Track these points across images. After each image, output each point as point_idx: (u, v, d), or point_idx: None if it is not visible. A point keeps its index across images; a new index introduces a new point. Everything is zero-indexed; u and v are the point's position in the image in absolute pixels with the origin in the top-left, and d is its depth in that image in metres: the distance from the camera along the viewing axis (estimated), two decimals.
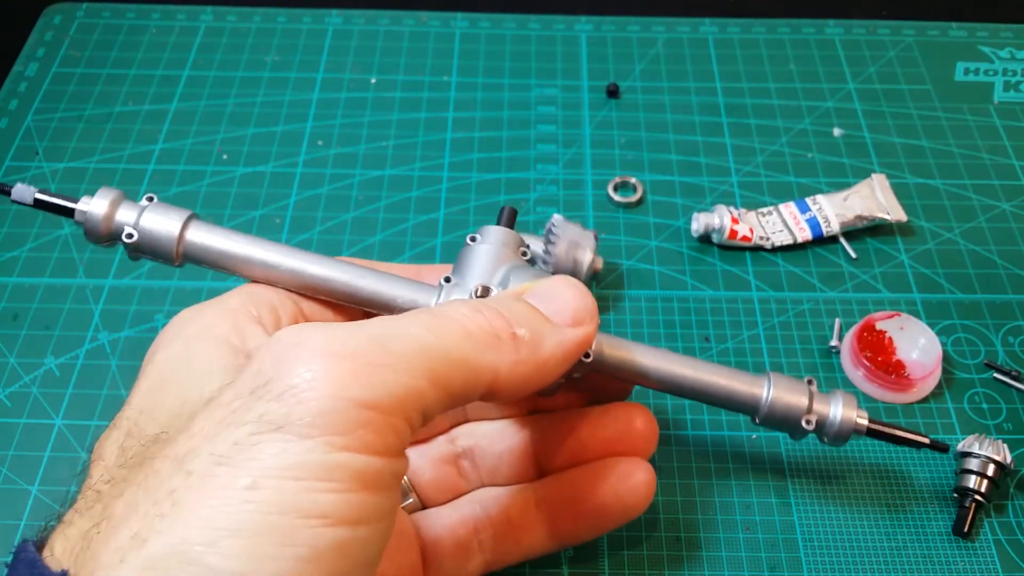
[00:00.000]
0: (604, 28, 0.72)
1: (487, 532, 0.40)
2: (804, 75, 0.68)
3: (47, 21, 0.71)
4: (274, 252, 0.38)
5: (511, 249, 0.40)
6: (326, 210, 0.59)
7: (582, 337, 0.34)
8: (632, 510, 0.40)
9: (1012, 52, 0.70)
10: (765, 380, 0.39)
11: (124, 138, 0.63)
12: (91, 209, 0.37)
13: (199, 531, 0.25)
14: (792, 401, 0.39)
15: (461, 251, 0.40)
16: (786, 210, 0.58)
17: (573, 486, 0.41)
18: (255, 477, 0.25)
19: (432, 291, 0.38)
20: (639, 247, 0.57)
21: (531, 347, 0.32)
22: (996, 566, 0.43)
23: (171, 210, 0.38)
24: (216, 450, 0.26)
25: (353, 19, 0.72)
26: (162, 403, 0.32)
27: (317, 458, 0.25)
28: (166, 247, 0.37)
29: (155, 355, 0.34)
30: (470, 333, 0.31)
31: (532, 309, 0.34)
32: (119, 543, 0.25)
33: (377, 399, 0.27)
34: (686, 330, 0.53)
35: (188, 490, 0.25)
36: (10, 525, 0.44)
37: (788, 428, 0.39)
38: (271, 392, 0.26)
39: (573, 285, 0.35)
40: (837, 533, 0.45)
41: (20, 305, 0.53)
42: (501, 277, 0.38)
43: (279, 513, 0.25)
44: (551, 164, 0.62)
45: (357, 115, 0.65)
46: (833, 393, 0.40)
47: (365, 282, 0.38)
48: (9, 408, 0.49)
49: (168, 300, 0.54)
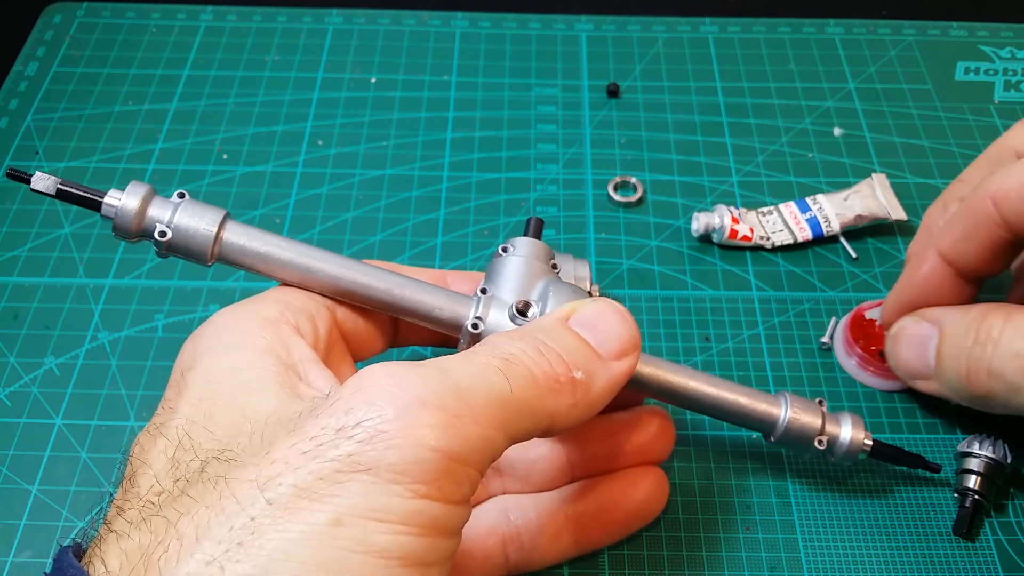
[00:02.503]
0: (604, 28, 0.72)
1: (515, 543, 0.40)
2: (804, 75, 0.68)
3: (47, 20, 0.71)
4: (313, 257, 0.38)
5: (543, 262, 0.40)
6: (326, 209, 0.59)
7: (628, 370, 0.35)
8: (650, 517, 0.43)
9: (1012, 51, 0.70)
10: (782, 400, 0.41)
11: (124, 137, 0.63)
12: (123, 204, 0.36)
13: (281, 564, 0.25)
14: (807, 422, 0.41)
15: (493, 262, 0.40)
16: (786, 210, 0.58)
17: (603, 495, 0.41)
18: (340, 514, 0.26)
19: (469, 302, 0.39)
20: (639, 247, 0.57)
21: (585, 388, 0.33)
22: (996, 566, 0.43)
23: (206, 208, 0.37)
24: (299, 482, 0.26)
25: (353, 18, 0.72)
26: (216, 417, 0.31)
27: (401, 503, 0.26)
28: (201, 247, 0.36)
29: (197, 363, 0.33)
30: (536, 380, 0.31)
31: (584, 345, 0.34)
32: (192, 569, 0.25)
33: (461, 452, 0.28)
34: (686, 330, 0.53)
35: (270, 520, 0.26)
36: (10, 525, 0.44)
37: (800, 447, 0.42)
38: (361, 434, 0.27)
39: (618, 312, 0.35)
40: (837, 533, 0.45)
41: (20, 305, 0.53)
42: (539, 292, 0.39)
43: (363, 552, 0.25)
44: (551, 164, 0.62)
45: (357, 115, 0.65)
46: (842, 414, 0.42)
47: (405, 292, 0.38)
48: (9, 408, 0.49)
49: (168, 300, 0.54)
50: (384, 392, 0.28)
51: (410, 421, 0.27)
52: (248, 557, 0.25)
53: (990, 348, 0.39)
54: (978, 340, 0.39)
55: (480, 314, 0.38)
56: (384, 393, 0.28)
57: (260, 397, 0.31)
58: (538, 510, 0.41)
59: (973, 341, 0.39)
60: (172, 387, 0.34)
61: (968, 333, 0.40)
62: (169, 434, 0.31)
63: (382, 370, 0.29)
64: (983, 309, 0.40)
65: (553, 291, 0.38)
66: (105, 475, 0.46)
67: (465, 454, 0.28)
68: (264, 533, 0.25)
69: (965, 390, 0.40)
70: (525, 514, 0.41)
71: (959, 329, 0.40)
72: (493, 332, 0.37)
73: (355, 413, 0.27)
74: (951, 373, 0.41)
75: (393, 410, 0.27)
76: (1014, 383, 0.38)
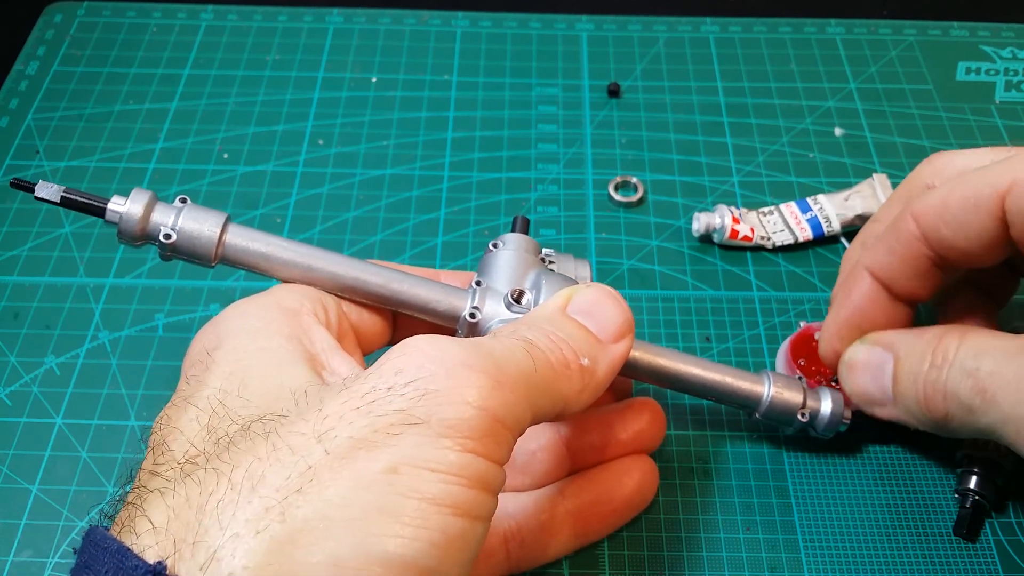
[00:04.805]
0: (605, 27, 0.72)
1: (516, 539, 0.40)
2: (805, 75, 0.68)
3: (48, 20, 0.71)
4: (313, 256, 0.39)
5: (532, 254, 0.42)
6: (327, 209, 0.59)
7: (625, 352, 0.36)
8: (643, 506, 0.44)
9: (1014, 51, 0.70)
10: (765, 378, 0.43)
11: (125, 137, 0.63)
12: (128, 210, 0.37)
13: (341, 509, 0.26)
14: (789, 397, 0.43)
15: (485, 257, 0.42)
16: (787, 210, 0.58)
17: (599, 487, 0.42)
18: (395, 463, 0.27)
19: (465, 294, 0.40)
20: (640, 247, 0.57)
21: (591, 374, 0.34)
22: (997, 567, 0.43)
23: (208, 212, 0.38)
24: (355, 434, 0.27)
25: (354, 18, 0.72)
26: (252, 386, 0.31)
27: (452, 455, 0.28)
28: (206, 248, 0.38)
29: (224, 342, 0.34)
30: (551, 364, 0.33)
31: (586, 332, 0.35)
32: (250, 514, 0.26)
33: (502, 414, 0.29)
34: (687, 330, 0.53)
35: (327, 468, 0.27)
36: (10, 524, 0.44)
37: (783, 422, 0.44)
38: (412, 392, 0.28)
39: (612, 297, 0.37)
40: (837, 533, 0.45)
41: (20, 304, 0.53)
42: (532, 281, 0.40)
43: (418, 498, 0.27)
44: (552, 164, 0.62)
45: (358, 114, 0.65)
46: (822, 389, 0.44)
47: (403, 286, 0.40)
48: (9, 407, 0.49)
49: (169, 300, 0.54)
50: (430, 356, 0.29)
51: (458, 381, 0.29)
52: (308, 503, 0.26)
53: (945, 370, 0.38)
54: (934, 363, 0.38)
55: (476, 304, 0.39)
56: (430, 357, 0.29)
57: (296, 372, 0.32)
58: (537, 506, 0.41)
59: (929, 364, 0.38)
60: (196, 364, 0.34)
61: (924, 357, 0.39)
62: (200, 404, 0.31)
63: (424, 340, 0.30)
64: (938, 331, 0.39)
65: (545, 280, 0.40)
66: (105, 475, 0.46)
67: (505, 417, 0.29)
68: (323, 480, 0.26)
69: (924, 415, 0.39)
70: (524, 511, 0.41)
71: (914, 353, 0.40)
72: (490, 321, 0.39)
73: (405, 373, 0.29)
74: (909, 398, 0.40)
75: (443, 370, 0.29)
76: (967, 404, 0.37)
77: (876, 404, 0.42)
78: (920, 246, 0.40)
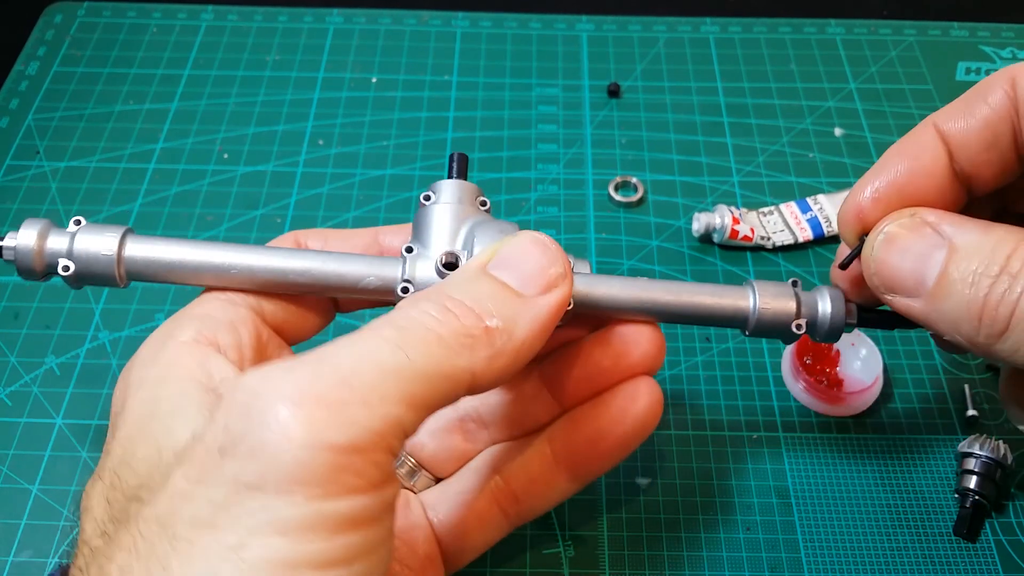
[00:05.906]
0: (605, 28, 0.72)
1: (508, 497, 0.39)
2: (805, 75, 0.68)
3: (48, 20, 0.71)
4: (224, 254, 0.36)
5: (468, 204, 0.38)
6: (327, 209, 0.59)
7: (557, 302, 0.33)
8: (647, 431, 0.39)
9: (1013, 52, 0.70)
10: (749, 290, 0.38)
11: (125, 137, 0.63)
12: (19, 243, 0.34)
13: None
14: (780, 307, 0.38)
15: (417, 213, 0.38)
16: (787, 210, 0.58)
17: (591, 424, 0.39)
18: (240, 536, 0.25)
19: (396, 263, 0.37)
20: (640, 247, 0.57)
21: (506, 334, 0.31)
22: (997, 566, 0.43)
23: (104, 229, 0.35)
24: (197, 513, 0.26)
25: (354, 18, 0.72)
26: (138, 453, 0.30)
27: (300, 512, 0.25)
28: (105, 269, 0.35)
29: (125, 403, 0.32)
30: (442, 339, 0.29)
31: (500, 287, 0.32)
32: None
33: (353, 440, 0.26)
34: (687, 330, 0.53)
35: (177, 557, 0.25)
36: (10, 524, 0.44)
37: (779, 335, 0.39)
38: (242, 450, 0.26)
39: (539, 243, 0.33)
40: (837, 533, 0.45)
41: (21, 304, 0.53)
42: (464, 238, 0.37)
43: (270, 570, 0.25)
44: (552, 164, 0.62)
45: (358, 114, 0.65)
46: (819, 290, 0.39)
47: (327, 268, 0.36)
48: (9, 407, 0.49)
49: (168, 299, 0.54)
50: (258, 399, 0.27)
51: (288, 424, 0.26)
52: None
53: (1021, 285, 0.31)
54: (1008, 270, 0.31)
55: (408, 276, 0.36)
56: (258, 399, 0.27)
57: (176, 424, 0.30)
58: (524, 457, 0.39)
59: (1000, 269, 0.32)
60: (109, 430, 0.33)
61: (992, 258, 0.32)
62: (104, 476, 0.30)
63: (256, 378, 0.27)
64: (1014, 233, 0.32)
65: (478, 235, 0.36)
66: None
67: (358, 441, 0.26)
68: (174, 572, 0.25)
69: (970, 324, 0.32)
70: (514, 465, 0.39)
71: (979, 251, 0.32)
72: None
73: (231, 429, 0.27)
74: (956, 300, 0.33)
75: (270, 417, 0.26)
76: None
77: (904, 293, 0.35)
78: (1010, 111, 0.34)
